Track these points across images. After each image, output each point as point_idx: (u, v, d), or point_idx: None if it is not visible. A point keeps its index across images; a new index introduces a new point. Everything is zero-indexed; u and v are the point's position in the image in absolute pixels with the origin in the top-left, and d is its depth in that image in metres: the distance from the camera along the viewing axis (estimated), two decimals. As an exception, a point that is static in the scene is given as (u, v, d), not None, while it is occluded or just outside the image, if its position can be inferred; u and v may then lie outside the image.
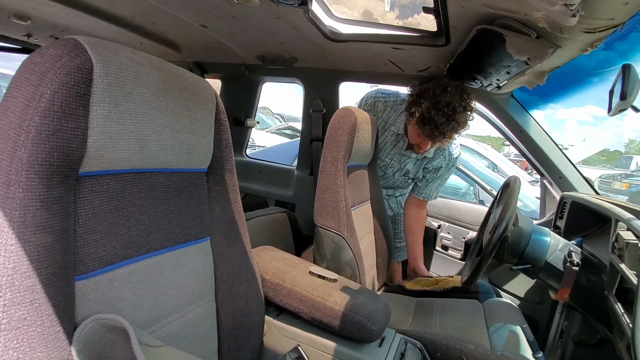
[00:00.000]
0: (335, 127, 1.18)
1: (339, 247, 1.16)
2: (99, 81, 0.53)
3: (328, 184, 1.16)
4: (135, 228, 0.63)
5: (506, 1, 0.80)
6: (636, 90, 0.68)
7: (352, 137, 1.18)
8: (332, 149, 1.17)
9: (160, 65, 0.64)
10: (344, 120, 1.18)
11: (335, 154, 1.16)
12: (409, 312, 1.36)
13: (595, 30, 0.75)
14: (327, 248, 1.18)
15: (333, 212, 1.15)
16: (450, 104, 1.24)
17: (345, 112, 1.19)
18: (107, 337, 0.57)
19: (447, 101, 1.24)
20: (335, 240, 1.16)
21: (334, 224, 1.15)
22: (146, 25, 1.51)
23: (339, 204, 1.15)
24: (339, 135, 1.17)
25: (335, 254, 1.17)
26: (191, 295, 0.75)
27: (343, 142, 1.16)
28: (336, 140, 1.17)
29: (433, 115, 1.25)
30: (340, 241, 1.15)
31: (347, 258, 1.16)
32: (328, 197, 1.16)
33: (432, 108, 1.25)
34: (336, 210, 1.15)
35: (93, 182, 0.56)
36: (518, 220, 1.09)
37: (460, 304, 1.35)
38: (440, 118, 1.25)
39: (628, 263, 0.76)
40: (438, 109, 1.24)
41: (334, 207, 1.15)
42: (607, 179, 8.00)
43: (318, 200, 1.19)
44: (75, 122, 0.51)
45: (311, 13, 1.14)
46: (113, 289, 0.60)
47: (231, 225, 0.85)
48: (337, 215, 1.15)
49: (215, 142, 0.79)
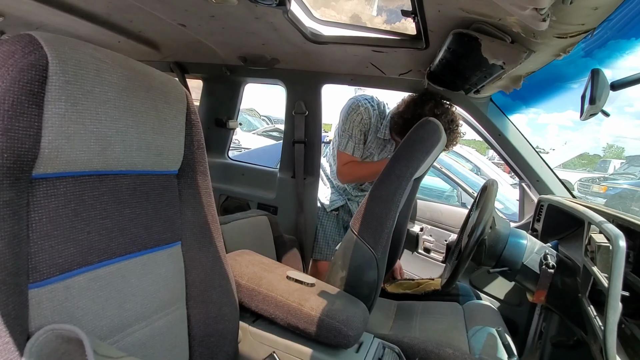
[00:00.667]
0: (419, 139, 1.06)
1: (367, 265, 1.04)
2: (54, 78, 0.50)
3: (383, 197, 1.03)
4: (96, 233, 0.60)
5: (481, 5, 0.80)
6: (605, 94, 0.69)
7: (431, 155, 1.08)
8: (405, 161, 1.04)
9: (125, 63, 0.62)
10: (431, 134, 1.06)
11: (405, 168, 1.03)
12: (389, 316, 1.35)
13: (566, 35, 0.76)
14: (353, 259, 1.06)
15: (376, 228, 1.03)
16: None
17: (435, 126, 1.08)
18: (63, 349, 0.54)
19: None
20: (366, 257, 1.04)
21: (371, 240, 1.03)
22: (123, 23, 1.47)
23: (386, 223, 1.03)
24: (418, 149, 1.04)
25: (359, 270, 1.05)
26: (159, 303, 0.72)
27: (421, 158, 1.04)
28: (414, 153, 1.04)
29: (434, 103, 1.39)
30: (370, 260, 1.03)
31: (370, 279, 1.05)
32: (377, 210, 1.03)
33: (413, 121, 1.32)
34: (380, 227, 1.03)
35: (48, 184, 0.53)
36: (495, 223, 1.10)
37: (440, 307, 1.35)
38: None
39: (600, 266, 0.77)
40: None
41: (379, 223, 1.03)
42: (587, 182, 8.24)
43: (365, 208, 1.06)
44: (28, 121, 0.48)
45: (290, 14, 1.13)
46: (70, 298, 0.56)
47: (204, 229, 0.82)
48: (378, 233, 1.03)
49: (187, 144, 0.76)
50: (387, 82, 1.63)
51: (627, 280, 0.73)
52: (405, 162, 1.03)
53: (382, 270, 1.07)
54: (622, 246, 0.70)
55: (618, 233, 0.72)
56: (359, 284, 1.05)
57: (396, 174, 1.03)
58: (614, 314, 0.67)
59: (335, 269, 1.09)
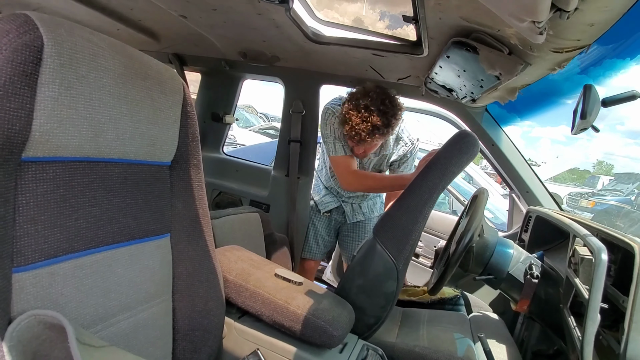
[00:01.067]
0: (456, 152, 1.00)
1: (386, 275, 1.01)
2: (49, 61, 0.50)
3: (411, 207, 0.99)
4: (84, 220, 0.59)
5: (481, 15, 0.81)
6: (596, 110, 0.70)
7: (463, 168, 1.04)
8: (439, 173, 0.99)
9: (122, 50, 0.61)
10: (469, 148, 1.01)
11: (437, 181, 0.98)
12: (395, 323, 1.32)
13: (562, 50, 0.77)
14: (373, 267, 1.02)
15: (401, 238, 1.00)
16: (367, 107, 1.30)
17: (474, 140, 1.03)
18: (45, 335, 0.54)
19: (365, 104, 1.31)
20: (387, 267, 1.00)
21: (394, 249, 1.00)
22: (123, 10, 1.46)
23: (412, 235, 0.99)
24: (454, 163, 0.99)
25: (378, 279, 1.02)
26: (145, 294, 0.71)
27: (455, 172, 1.01)
28: (449, 167, 0.99)
29: (351, 115, 1.31)
30: (391, 270, 1.00)
31: (389, 290, 1.01)
32: (404, 220, 1.00)
33: (353, 109, 1.32)
34: (405, 238, 0.99)
35: (37, 168, 0.53)
36: (484, 232, 1.11)
37: (447, 317, 1.31)
38: (357, 119, 1.30)
39: (582, 278, 0.78)
40: (357, 110, 1.31)
41: (403, 235, 0.99)
42: (576, 196, 8.39)
43: (390, 216, 1.03)
44: (19, 102, 0.48)
45: (293, 12, 1.13)
46: (55, 284, 0.56)
47: (194, 222, 0.82)
48: (402, 244, 0.99)
49: (181, 135, 0.76)
50: (385, 86, 1.64)
51: (607, 293, 0.75)
52: (439, 174, 0.99)
53: (401, 283, 1.03)
54: (604, 259, 0.71)
55: (601, 246, 0.74)
56: (376, 294, 1.02)
57: (428, 185, 0.99)
58: (592, 324, 0.68)
59: (351, 274, 1.06)
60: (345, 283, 1.06)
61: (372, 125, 1.30)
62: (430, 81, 1.33)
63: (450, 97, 1.39)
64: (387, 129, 1.34)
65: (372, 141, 1.35)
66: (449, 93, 1.34)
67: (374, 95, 1.34)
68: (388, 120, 1.33)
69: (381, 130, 1.32)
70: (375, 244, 1.02)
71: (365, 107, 1.31)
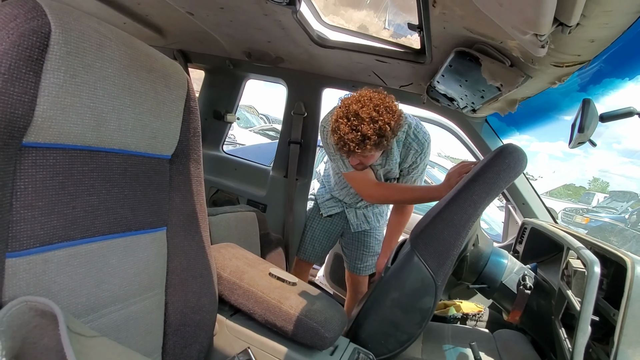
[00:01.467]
0: (505, 167, 0.95)
1: (424, 290, 0.97)
2: (55, 48, 0.50)
3: (455, 222, 0.95)
4: (81, 209, 0.59)
5: (484, 27, 0.83)
6: (594, 124, 0.71)
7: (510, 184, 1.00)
8: (486, 188, 0.95)
9: (129, 41, 0.62)
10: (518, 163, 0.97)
11: (484, 195, 0.94)
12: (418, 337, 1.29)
13: (563, 64, 0.79)
14: (410, 281, 0.98)
15: (442, 253, 0.96)
16: (357, 115, 1.17)
17: (523, 155, 0.98)
18: (36, 322, 0.53)
19: (355, 111, 1.17)
20: (425, 282, 0.96)
21: (434, 264, 0.96)
22: (131, 4, 1.46)
23: (454, 249, 0.95)
24: (503, 178, 0.95)
25: (415, 294, 0.98)
26: (138, 287, 0.71)
27: (502, 187, 0.97)
28: (497, 182, 0.95)
29: (339, 124, 1.19)
30: (429, 286, 0.96)
31: (425, 306, 0.97)
32: (446, 234, 0.96)
33: (342, 117, 1.19)
34: (446, 253, 0.95)
35: (38, 154, 0.53)
36: (479, 241, 1.12)
37: (471, 333, 1.26)
38: (346, 127, 1.17)
39: (574, 290, 0.79)
40: (347, 117, 1.18)
41: (445, 249, 0.96)
42: (571, 212, 8.43)
43: (431, 229, 0.98)
44: (23, 87, 0.48)
45: (299, 14, 1.14)
46: (48, 271, 0.56)
47: (191, 217, 0.82)
48: (443, 259, 0.96)
49: (183, 130, 0.76)
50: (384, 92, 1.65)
51: (598, 306, 0.75)
52: (487, 188, 0.95)
53: (438, 299, 0.99)
54: (596, 272, 0.72)
55: (594, 259, 0.74)
56: (412, 309, 0.98)
57: (474, 199, 0.95)
58: (582, 336, 0.69)
59: (385, 286, 1.01)
60: (379, 295, 1.02)
61: (362, 134, 1.16)
62: (432, 89, 1.34)
63: (451, 106, 1.41)
64: (380, 139, 1.19)
65: (364, 153, 1.21)
66: (450, 102, 1.36)
67: (366, 101, 1.20)
68: (381, 129, 1.17)
69: (372, 140, 1.17)
70: (414, 257, 0.98)
71: (355, 115, 1.17)
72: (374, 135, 1.17)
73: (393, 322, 0.98)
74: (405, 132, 1.37)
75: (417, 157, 1.42)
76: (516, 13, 0.59)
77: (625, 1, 0.54)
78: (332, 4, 1.51)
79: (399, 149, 1.41)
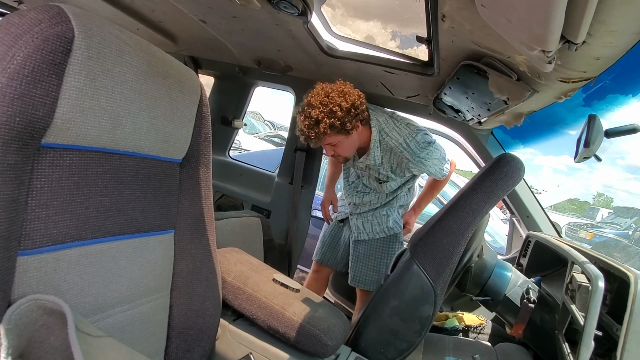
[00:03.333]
0: (503, 176, 0.97)
1: (423, 299, 0.97)
2: (78, 52, 0.52)
3: (453, 229, 0.96)
4: (93, 209, 0.60)
5: (492, 41, 0.84)
6: (599, 139, 0.72)
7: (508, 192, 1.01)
8: (484, 196, 0.96)
9: (147, 48, 0.63)
10: (516, 173, 0.98)
11: (482, 204, 0.96)
12: (417, 349, 1.23)
13: (569, 80, 0.80)
14: (410, 289, 0.98)
15: (441, 261, 0.96)
16: (309, 104, 1.25)
17: (520, 165, 1.01)
18: (43, 320, 0.54)
19: (307, 101, 1.27)
20: (424, 290, 0.97)
21: (433, 272, 0.96)
22: (145, 11, 1.50)
23: (452, 258, 0.96)
24: (500, 187, 0.96)
25: (414, 302, 0.98)
26: (144, 288, 0.72)
27: (500, 196, 0.98)
28: (495, 190, 0.96)
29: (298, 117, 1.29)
30: (429, 294, 0.96)
31: (425, 314, 0.97)
32: (445, 242, 0.96)
33: (299, 111, 1.30)
34: (445, 262, 0.96)
35: (55, 154, 0.54)
36: (483, 253, 1.12)
37: (473, 346, 1.25)
38: (300, 115, 1.27)
39: (578, 305, 0.79)
40: (302, 109, 1.29)
41: (444, 258, 0.96)
42: (575, 227, 8.36)
43: (430, 237, 0.99)
44: (45, 89, 0.50)
45: (310, 25, 1.17)
46: (59, 270, 0.57)
47: (198, 221, 0.83)
48: (442, 268, 0.96)
49: (194, 134, 0.78)
50: (394, 103, 1.67)
51: (601, 321, 0.75)
52: (485, 197, 0.96)
53: (437, 307, 0.99)
54: (600, 287, 0.72)
55: (598, 274, 0.74)
56: (411, 317, 0.98)
57: (472, 207, 0.96)
58: (586, 351, 0.68)
59: (385, 295, 1.01)
60: (378, 303, 1.02)
61: (314, 119, 1.21)
62: (439, 101, 1.36)
63: (457, 118, 1.42)
64: (332, 121, 1.21)
65: (320, 137, 1.25)
66: (456, 114, 1.37)
67: (318, 90, 1.26)
68: (332, 111, 1.20)
69: (325, 123, 1.20)
70: (413, 265, 0.98)
71: (308, 104, 1.25)
72: (325, 117, 1.21)
73: (392, 330, 0.98)
74: (381, 132, 1.40)
75: (410, 163, 1.40)
76: (524, 30, 0.61)
77: (630, 22, 0.55)
78: (340, 14, 1.54)
79: (380, 151, 1.43)
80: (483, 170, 1.03)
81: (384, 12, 30.08)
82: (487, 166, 1.03)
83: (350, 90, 1.30)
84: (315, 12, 1.12)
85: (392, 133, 1.38)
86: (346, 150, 1.38)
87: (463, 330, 1.40)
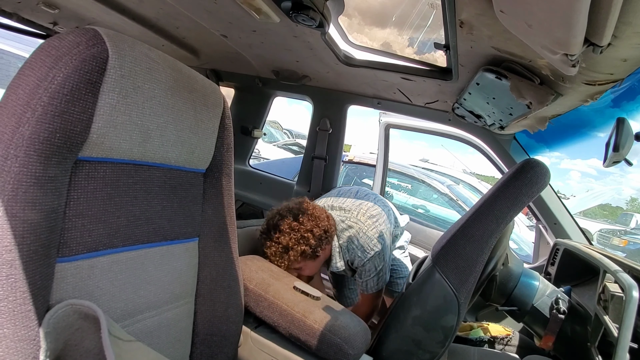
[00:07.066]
0: (527, 182, 0.94)
1: (446, 308, 0.94)
2: (112, 72, 0.55)
3: (476, 237, 0.93)
4: (124, 218, 0.63)
5: (513, 46, 0.83)
6: (629, 143, 0.69)
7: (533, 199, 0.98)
8: (509, 203, 0.93)
9: (174, 65, 0.67)
10: (540, 178, 0.95)
11: (507, 210, 0.93)
12: (441, 359, 1.19)
13: (595, 82, 0.77)
14: (432, 298, 0.95)
15: (464, 269, 0.93)
16: (277, 228, 1.19)
17: (545, 170, 0.96)
18: (78, 324, 0.57)
19: (275, 223, 1.20)
20: (447, 299, 0.93)
21: (456, 281, 0.93)
22: (169, 28, 1.57)
23: (476, 266, 0.93)
24: (525, 193, 0.93)
25: (437, 312, 0.95)
26: (171, 294, 0.74)
27: (525, 202, 0.95)
28: (519, 197, 0.93)
29: (264, 230, 1.23)
30: (452, 303, 0.93)
31: (448, 324, 0.94)
32: (468, 250, 0.94)
33: (263, 232, 1.23)
34: (469, 270, 0.93)
35: (90, 167, 0.58)
36: (508, 261, 1.08)
37: (499, 357, 1.22)
38: (267, 240, 1.20)
39: (612, 315, 0.75)
40: (268, 227, 1.22)
41: (467, 266, 0.93)
42: (607, 233, 7.95)
43: (453, 245, 0.97)
44: (83, 107, 0.53)
45: (327, 36, 1.19)
46: (93, 276, 0.60)
47: (221, 229, 0.85)
48: (466, 276, 0.93)
49: (217, 145, 0.80)
50: (412, 110, 1.67)
51: (637, 332, 0.71)
52: (509, 204, 0.93)
53: (461, 317, 0.96)
54: (635, 297, 0.68)
55: (632, 283, 0.71)
56: (434, 327, 0.95)
57: (495, 214, 0.93)
58: (623, 366, 0.65)
59: (406, 303, 0.99)
60: (400, 312, 1.00)
61: (282, 246, 1.15)
62: (459, 106, 1.34)
63: (478, 123, 1.39)
64: (305, 249, 1.16)
65: (286, 265, 1.17)
66: (477, 119, 1.35)
67: (285, 212, 1.23)
68: (303, 237, 1.16)
69: (294, 250, 1.15)
70: (435, 273, 0.95)
71: (275, 227, 1.19)
72: (296, 244, 1.14)
73: (415, 340, 0.96)
74: (347, 237, 1.30)
75: (362, 262, 1.30)
76: (546, 34, 0.60)
77: (659, 21, 0.53)
78: (356, 23, 1.56)
79: (341, 252, 1.34)
80: (507, 176, 1.00)
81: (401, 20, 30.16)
82: (511, 172, 1.00)
83: (322, 214, 1.24)
84: (332, 22, 1.14)
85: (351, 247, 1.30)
86: (312, 271, 1.31)
87: (489, 341, 1.35)
